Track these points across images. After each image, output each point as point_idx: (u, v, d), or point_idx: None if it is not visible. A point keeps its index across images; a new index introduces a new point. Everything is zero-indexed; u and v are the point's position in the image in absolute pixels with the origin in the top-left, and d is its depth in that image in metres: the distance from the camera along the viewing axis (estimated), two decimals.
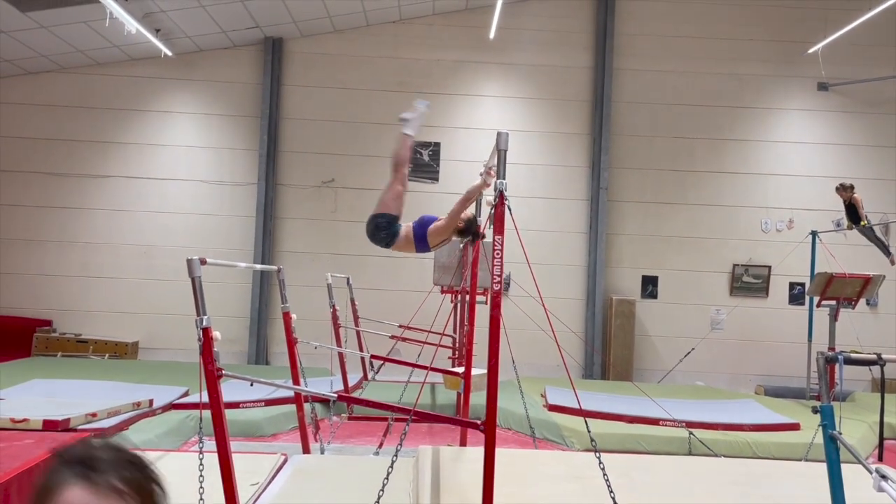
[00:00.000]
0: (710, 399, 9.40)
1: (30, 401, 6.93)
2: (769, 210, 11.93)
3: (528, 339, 8.57)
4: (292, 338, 5.81)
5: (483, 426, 3.55)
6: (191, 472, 4.49)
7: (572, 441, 7.14)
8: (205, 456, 3.88)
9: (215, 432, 3.61)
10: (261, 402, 7.65)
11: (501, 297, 3.65)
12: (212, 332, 3.62)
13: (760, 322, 11.80)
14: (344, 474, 5.11)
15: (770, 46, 12.03)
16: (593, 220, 11.77)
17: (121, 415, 6.52)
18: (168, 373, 9.63)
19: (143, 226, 11.76)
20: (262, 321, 11.61)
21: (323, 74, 11.96)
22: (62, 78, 11.77)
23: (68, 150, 11.75)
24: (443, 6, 11.72)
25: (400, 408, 4.01)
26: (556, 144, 12.02)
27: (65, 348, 11.19)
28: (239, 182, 11.82)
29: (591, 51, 12.03)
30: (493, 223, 3.72)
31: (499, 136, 3.79)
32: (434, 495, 4.24)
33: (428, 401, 8.47)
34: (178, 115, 11.90)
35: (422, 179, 11.91)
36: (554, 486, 4.48)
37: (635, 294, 11.79)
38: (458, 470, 4.65)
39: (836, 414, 3.24)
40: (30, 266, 11.67)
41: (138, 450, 4.29)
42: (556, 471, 4.80)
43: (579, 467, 4.88)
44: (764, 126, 12.04)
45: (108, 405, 6.56)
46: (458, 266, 7.99)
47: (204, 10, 10.35)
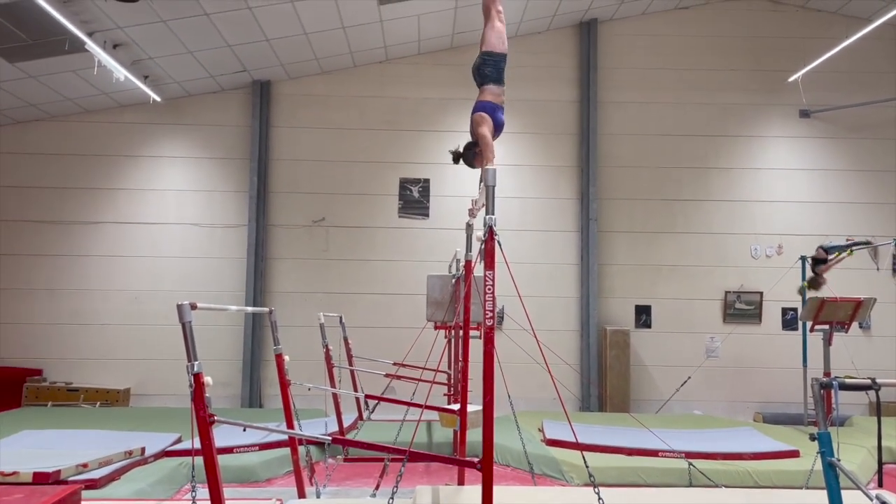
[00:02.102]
0: (708, 428, 9.34)
1: (20, 453, 6.81)
2: (758, 236, 12.01)
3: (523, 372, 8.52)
4: (285, 380, 5.76)
5: (480, 465, 3.52)
6: None
7: (571, 476, 7.06)
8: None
9: (208, 480, 3.56)
10: (255, 447, 7.54)
11: (495, 332, 3.65)
12: (203, 377, 3.59)
13: (755, 348, 11.80)
14: None
15: (751, 76, 12.24)
16: (584, 251, 11.81)
17: (113, 464, 6.42)
18: (160, 419, 9.51)
19: (134, 271, 11.71)
20: (255, 363, 11.51)
21: (311, 115, 12.07)
22: (51, 126, 11.83)
23: (58, 198, 11.75)
24: (428, 45, 11.90)
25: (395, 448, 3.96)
26: (545, 177, 12.12)
27: (55, 397, 11.04)
28: (230, 224, 11.82)
29: (575, 85, 12.21)
30: (484, 258, 3.73)
31: (486, 173, 3.83)
32: None
33: (424, 439, 8.38)
34: (167, 160, 11.94)
35: (412, 216, 11.96)
36: None
37: (629, 324, 11.79)
38: None
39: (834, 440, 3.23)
40: (20, 315, 11.58)
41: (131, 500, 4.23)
42: None
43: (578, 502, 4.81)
44: (749, 154, 12.19)
45: (100, 455, 6.46)
46: (451, 301, 7.98)
47: (192, 55, 10.47)
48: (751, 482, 6.81)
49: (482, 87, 4.70)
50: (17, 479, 5.59)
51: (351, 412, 9.49)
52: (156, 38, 9.73)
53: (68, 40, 8.98)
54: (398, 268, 11.82)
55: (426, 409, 5.51)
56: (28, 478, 5.62)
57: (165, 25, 9.41)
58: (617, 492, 4.94)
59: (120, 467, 6.42)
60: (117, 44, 9.64)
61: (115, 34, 9.40)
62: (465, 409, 5.64)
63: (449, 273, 8.54)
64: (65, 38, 8.96)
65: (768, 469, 7.03)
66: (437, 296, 8.30)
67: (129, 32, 9.42)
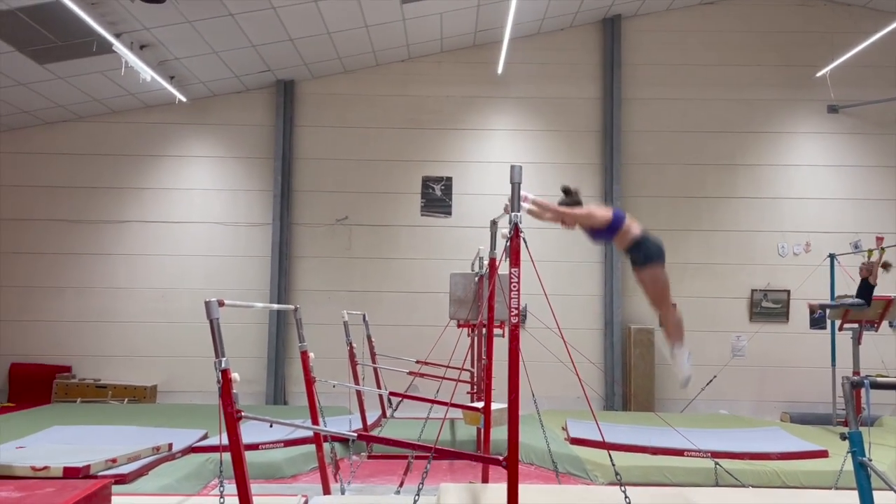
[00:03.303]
0: (734, 428, 9.23)
1: (50, 448, 6.93)
2: (785, 234, 11.85)
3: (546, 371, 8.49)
4: (310, 377, 5.79)
5: (505, 462, 3.51)
6: None
7: (596, 475, 7.02)
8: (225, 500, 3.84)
9: (235, 475, 3.59)
10: (280, 443, 7.60)
11: (520, 330, 3.64)
12: (231, 373, 3.62)
13: (782, 347, 11.64)
14: None
15: (778, 71, 12.08)
16: (608, 249, 11.73)
17: (140, 459, 6.49)
18: (186, 416, 9.62)
19: (160, 269, 11.86)
20: (280, 361, 11.60)
21: (334, 114, 12.13)
22: (80, 127, 12.01)
23: (86, 197, 11.93)
24: (451, 44, 11.90)
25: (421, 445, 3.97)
26: (567, 175, 12.03)
27: (84, 394, 11.22)
28: (254, 223, 11.92)
29: (598, 81, 12.13)
30: (509, 256, 3.72)
31: (512, 170, 3.82)
32: None
33: (448, 437, 8.38)
34: (193, 159, 12.07)
35: (434, 214, 11.97)
36: None
37: (653, 322, 11.67)
38: None
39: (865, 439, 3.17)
40: (49, 313, 11.78)
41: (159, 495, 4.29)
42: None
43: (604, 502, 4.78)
44: (776, 150, 12.03)
45: (128, 450, 6.54)
46: (474, 300, 7.97)
47: (217, 55, 10.57)
48: (778, 482, 6.72)
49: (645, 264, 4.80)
50: (47, 473, 5.69)
51: (374, 410, 9.53)
52: (182, 38, 9.84)
53: (96, 42, 9.12)
54: (421, 266, 11.84)
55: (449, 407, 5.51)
56: (59, 472, 5.70)
57: (191, 26, 9.52)
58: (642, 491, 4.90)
59: (148, 463, 6.50)
60: (144, 45, 9.77)
61: (141, 35, 9.52)
62: (489, 406, 5.64)
63: (472, 271, 8.53)
64: (93, 40, 9.10)
65: (796, 469, 6.92)
66: (460, 294, 8.30)
67: (155, 33, 9.54)
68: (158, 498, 5.41)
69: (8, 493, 3.50)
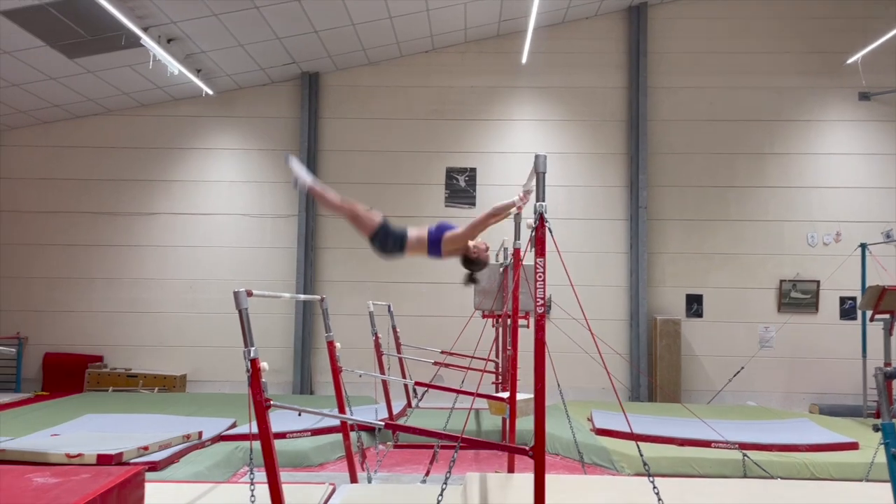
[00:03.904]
0: (762, 419, 9.15)
1: (83, 436, 7.08)
2: (815, 223, 11.67)
3: (570, 362, 8.50)
4: (337, 366, 5.84)
5: (531, 452, 3.52)
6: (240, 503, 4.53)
7: (622, 465, 7.00)
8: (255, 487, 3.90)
9: (265, 463, 3.64)
10: (307, 432, 7.68)
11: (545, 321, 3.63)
12: (260, 363, 3.67)
13: (811, 338, 11.49)
14: (393, 503, 5.08)
15: (808, 58, 11.87)
16: (633, 239, 11.65)
17: (171, 447, 6.61)
18: (215, 404, 9.77)
19: (189, 261, 12.02)
20: (306, 351, 11.71)
21: (358, 106, 12.16)
22: (109, 120, 12.19)
23: (116, 190, 12.12)
24: (474, 34, 11.85)
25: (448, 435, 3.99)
26: (592, 165, 11.98)
27: (116, 383, 11.44)
28: (280, 214, 12.03)
29: (624, 70, 12.02)
30: (535, 246, 3.71)
31: (537, 159, 3.79)
32: None
33: (473, 427, 8.41)
34: (219, 152, 12.20)
35: (458, 205, 11.97)
36: None
37: (680, 313, 11.60)
38: (507, 497, 4.59)
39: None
40: (81, 303, 12.00)
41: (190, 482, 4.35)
42: (608, 496, 4.70)
43: (631, 492, 4.78)
44: (805, 138, 11.83)
45: (160, 438, 6.66)
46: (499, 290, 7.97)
47: (242, 48, 10.65)
48: (808, 474, 6.65)
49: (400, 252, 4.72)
50: (81, 460, 5.82)
51: (399, 400, 9.59)
52: (208, 31, 9.93)
53: (124, 36, 9.24)
54: None
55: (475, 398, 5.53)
56: (92, 459, 5.83)
57: (217, 19, 9.59)
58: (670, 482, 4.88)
59: (178, 450, 6.61)
60: (171, 38, 9.87)
61: (169, 29, 9.62)
62: (514, 396, 5.65)
63: (496, 262, 8.53)
64: (121, 34, 9.23)
65: (826, 461, 6.85)
66: (484, 284, 8.30)
67: (182, 27, 9.63)
68: (189, 485, 5.51)
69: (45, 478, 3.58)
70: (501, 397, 6.03)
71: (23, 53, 9.57)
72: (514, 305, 5.97)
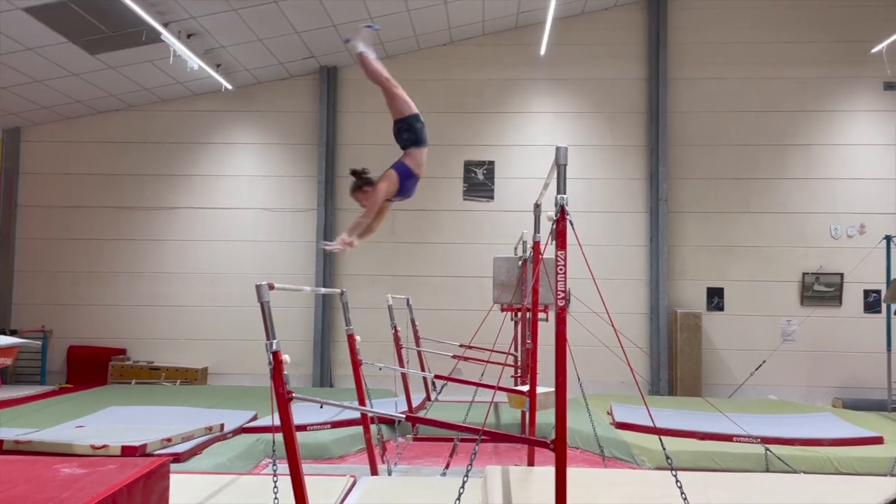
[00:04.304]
0: (784, 413, 9.06)
1: (108, 427, 7.18)
2: (838, 215, 11.52)
3: (589, 355, 8.47)
4: (357, 359, 5.87)
5: (553, 445, 3.51)
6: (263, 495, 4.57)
7: (643, 459, 6.97)
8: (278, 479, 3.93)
9: (288, 455, 3.66)
10: (327, 425, 7.73)
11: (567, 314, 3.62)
12: (282, 355, 3.69)
13: (835, 332, 11.36)
14: (413, 496, 5.10)
15: (832, 47, 11.69)
16: (654, 232, 11.57)
17: (194, 439, 6.68)
18: (236, 397, 9.85)
19: (209, 255, 12.12)
20: (325, 344, 11.77)
21: (376, 100, 11.95)
22: (130, 115, 12.30)
23: (137, 185, 12.23)
24: (492, 26, 11.80)
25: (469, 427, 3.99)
26: (612, 157, 11.90)
27: (138, 375, 11.58)
28: (299, 208, 12.08)
29: (644, 62, 11.91)
30: (555, 239, 3.69)
31: (558, 151, 3.77)
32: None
33: (492, 420, 8.42)
34: (239, 146, 12.26)
35: (477, 198, 11.95)
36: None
37: (700, 307, 11.51)
38: (528, 490, 4.59)
39: None
40: (104, 297, 12.15)
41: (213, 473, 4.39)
42: (629, 490, 4.69)
43: (651, 486, 4.76)
44: (829, 129, 11.67)
45: (182, 430, 6.73)
46: (518, 284, 7.96)
47: (261, 43, 10.69)
48: (831, 469, 6.58)
49: (404, 150, 4.65)
50: (106, 451, 5.90)
51: (418, 393, 9.61)
52: (227, 26, 9.97)
53: (145, 31, 9.31)
54: (464, 250, 11.85)
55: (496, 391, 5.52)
56: (117, 451, 5.91)
57: (236, 14, 9.63)
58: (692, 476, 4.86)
59: (201, 442, 6.68)
60: (191, 33, 9.93)
61: (188, 24, 9.67)
62: (534, 390, 5.64)
63: (515, 255, 8.51)
64: (142, 30, 9.29)
65: (850, 456, 6.77)
66: (503, 278, 8.29)
67: (201, 22, 9.68)
68: (213, 476, 5.56)
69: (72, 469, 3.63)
70: (521, 390, 6.02)
71: (45, 50, 9.68)
72: (534, 299, 5.95)
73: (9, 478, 3.47)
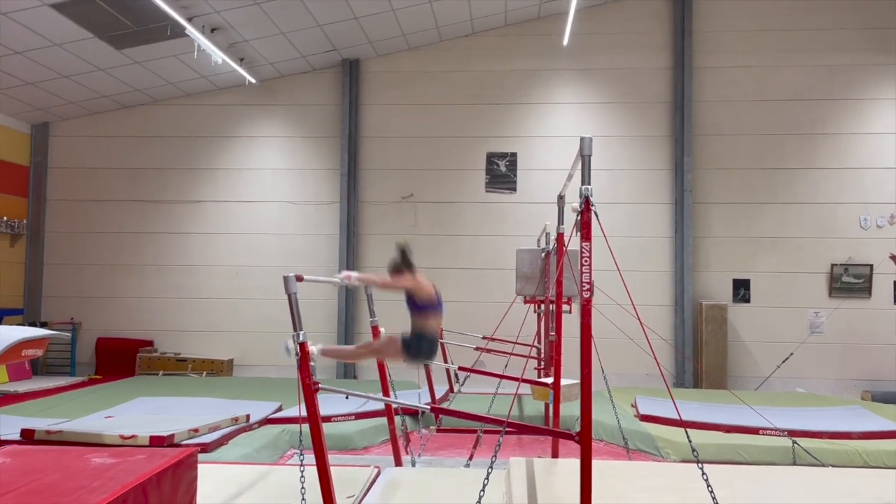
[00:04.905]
0: (812, 406, 8.96)
1: (136, 418, 7.30)
2: (868, 206, 11.31)
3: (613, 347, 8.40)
4: None
5: (578, 437, 3.50)
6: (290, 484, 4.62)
7: (667, 452, 6.93)
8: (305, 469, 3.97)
9: (314, 445, 3.70)
10: (351, 416, 7.78)
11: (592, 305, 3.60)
12: (308, 346, 3.72)
13: (864, 324, 11.17)
14: (437, 486, 5.12)
15: (861, 34, 11.46)
16: (678, 223, 11.46)
17: (221, 430, 6.77)
18: (261, 388, 9.95)
19: (234, 247, 12.22)
20: (349, 336, 11.83)
21: (398, 92, 12.16)
22: (155, 109, 12.43)
23: (163, 178, 12.37)
24: (515, 16, 11.73)
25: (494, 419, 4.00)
26: (636, 148, 11.79)
27: (166, 367, 11.74)
28: (322, 201, 12.13)
29: (669, 51, 11.77)
30: (580, 230, 3.67)
31: (582, 142, 3.75)
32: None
33: (515, 412, 8.41)
34: (262, 140, 12.34)
35: (499, 190, 11.91)
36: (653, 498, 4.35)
37: (726, 298, 11.38)
38: (552, 482, 4.59)
39: None
40: (131, 290, 12.32)
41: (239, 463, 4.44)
42: (654, 483, 4.66)
43: (677, 479, 4.73)
44: (858, 118, 11.45)
45: (209, 421, 6.82)
46: (541, 276, 7.93)
47: (284, 36, 10.73)
48: (860, 462, 6.50)
49: None
50: (135, 441, 5.99)
51: (441, 385, 9.63)
52: (250, 20, 10.02)
53: (169, 26, 9.39)
54: (486, 242, 11.83)
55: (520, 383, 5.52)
56: (145, 441, 6.00)
57: (259, 7, 9.67)
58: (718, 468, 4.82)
59: (227, 433, 6.76)
60: (215, 28, 9.99)
61: (212, 18, 9.74)
62: (558, 382, 5.63)
63: (538, 247, 8.48)
64: (166, 24, 9.37)
65: (879, 449, 6.68)
66: (526, 270, 8.28)
67: (225, 16, 9.74)
68: (240, 466, 5.63)
69: (103, 459, 3.70)
70: (545, 382, 6.01)
71: (72, 45, 9.80)
72: (558, 290, 5.93)
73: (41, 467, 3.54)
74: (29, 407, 8.45)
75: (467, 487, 4.78)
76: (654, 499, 4.34)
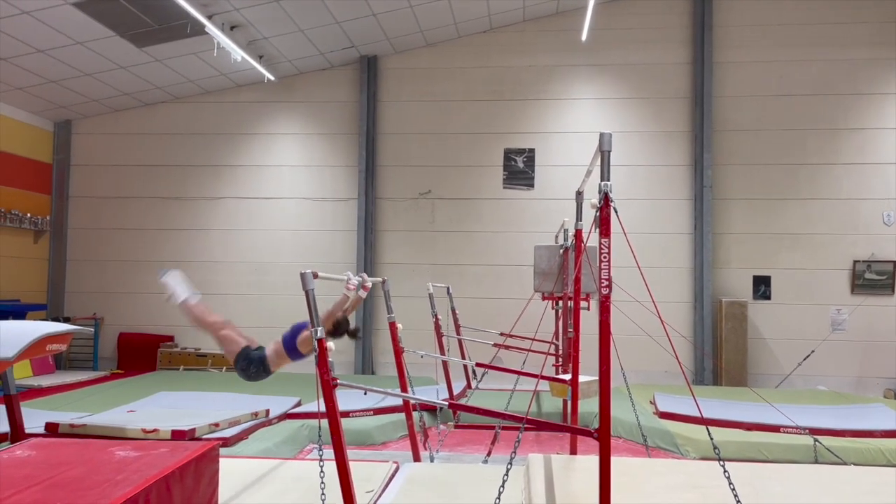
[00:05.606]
0: (834, 404, 8.85)
1: (158, 412, 7.38)
2: (891, 201, 11.15)
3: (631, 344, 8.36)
4: (399, 347, 5.91)
5: (597, 434, 3.49)
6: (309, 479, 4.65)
7: (687, 449, 6.89)
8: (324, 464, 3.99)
9: (333, 440, 3.71)
10: (369, 411, 7.82)
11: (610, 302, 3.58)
12: (326, 342, 3.74)
13: (887, 321, 11.02)
14: (456, 482, 5.13)
15: (884, 28, 11.29)
16: (698, 219, 11.37)
17: (240, 424, 6.83)
18: (280, 384, 9.98)
19: (253, 244, 12.31)
20: (367, 332, 11.87)
21: (416, 88, 12.17)
22: (175, 107, 12.54)
23: (183, 175, 12.48)
24: (533, 12, 11.69)
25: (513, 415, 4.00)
26: (655, 144, 11.71)
27: (186, 362, 11.86)
28: (340, 198, 12.18)
29: (688, 46, 11.67)
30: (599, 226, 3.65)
31: (602, 137, 3.72)
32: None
33: (533, 409, 8.40)
34: (281, 137, 12.41)
35: (517, 187, 11.89)
36: (673, 495, 4.32)
37: (746, 295, 11.28)
38: (570, 479, 4.58)
39: None
40: (152, 285, 12.41)
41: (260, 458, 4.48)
42: (674, 480, 4.63)
43: (697, 476, 4.70)
44: (880, 113, 11.28)
45: (229, 415, 6.89)
46: (559, 272, 7.91)
47: (303, 33, 10.77)
48: (883, 461, 6.42)
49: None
50: (157, 435, 6.07)
51: (458, 381, 9.64)
52: (269, 17, 10.06)
53: (190, 24, 9.46)
54: (504, 239, 11.81)
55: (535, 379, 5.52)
56: (167, 435, 6.07)
57: (278, 5, 9.71)
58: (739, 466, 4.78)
59: (247, 427, 6.83)
60: (234, 25, 10.05)
61: (231, 16, 9.80)
62: (576, 378, 5.61)
63: (556, 243, 8.46)
64: (186, 22, 9.45)
65: None
66: (544, 266, 8.25)
67: (244, 14, 9.79)
68: (260, 461, 5.68)
69: (126, 452, 3.75)
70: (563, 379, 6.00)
71: (94, 43, 9.91)
72: (576, 287, 5.90)
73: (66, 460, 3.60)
74: (53, 401, 8.58)
75: (486, 483, 4.79)
76: (674, 496, 4.31)
